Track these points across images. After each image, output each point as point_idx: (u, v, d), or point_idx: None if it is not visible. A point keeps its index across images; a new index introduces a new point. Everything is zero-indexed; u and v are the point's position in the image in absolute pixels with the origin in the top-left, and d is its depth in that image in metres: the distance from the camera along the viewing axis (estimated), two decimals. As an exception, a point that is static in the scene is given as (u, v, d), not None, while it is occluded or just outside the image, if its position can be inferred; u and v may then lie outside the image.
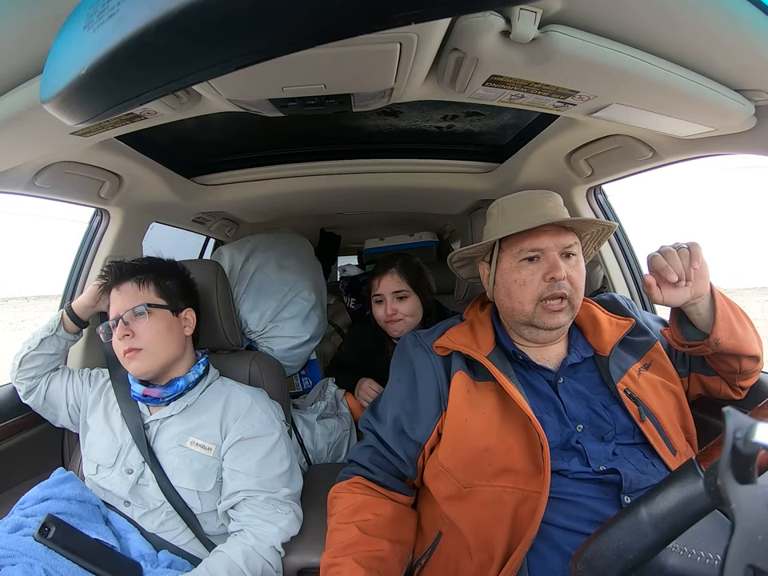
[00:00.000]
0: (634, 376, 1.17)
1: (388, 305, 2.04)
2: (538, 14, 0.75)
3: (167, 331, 1.40)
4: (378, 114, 1.58)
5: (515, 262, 1.18)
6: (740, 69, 0.92)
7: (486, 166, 2.00)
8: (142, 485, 1.36)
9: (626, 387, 1.14)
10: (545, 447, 1.03)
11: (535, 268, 1.16)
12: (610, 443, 1.08)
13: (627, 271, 2.00)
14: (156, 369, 1.40)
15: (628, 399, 1.12)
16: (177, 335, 1.43)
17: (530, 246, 1.16)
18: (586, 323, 1.26)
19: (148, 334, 1.37)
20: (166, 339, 1.40)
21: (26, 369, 1.51)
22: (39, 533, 1.13)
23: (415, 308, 2.07)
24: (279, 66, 0.83)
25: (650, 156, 1.42)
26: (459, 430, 1.14)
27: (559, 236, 1.16)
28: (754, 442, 0.43)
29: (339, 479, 1.25)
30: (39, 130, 1.02)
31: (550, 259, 1.15)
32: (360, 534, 1.09)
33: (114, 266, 1.45)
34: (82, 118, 0.57)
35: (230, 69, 0.42)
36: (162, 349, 1.39)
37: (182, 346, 1.45)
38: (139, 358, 1.37)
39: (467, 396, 1.16)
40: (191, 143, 1.74)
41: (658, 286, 1.10)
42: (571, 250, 1.17)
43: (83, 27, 0.48)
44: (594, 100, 1.00)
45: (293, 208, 2.46)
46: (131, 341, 1.36)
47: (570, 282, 1.15)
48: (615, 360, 1.18)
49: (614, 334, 1.21)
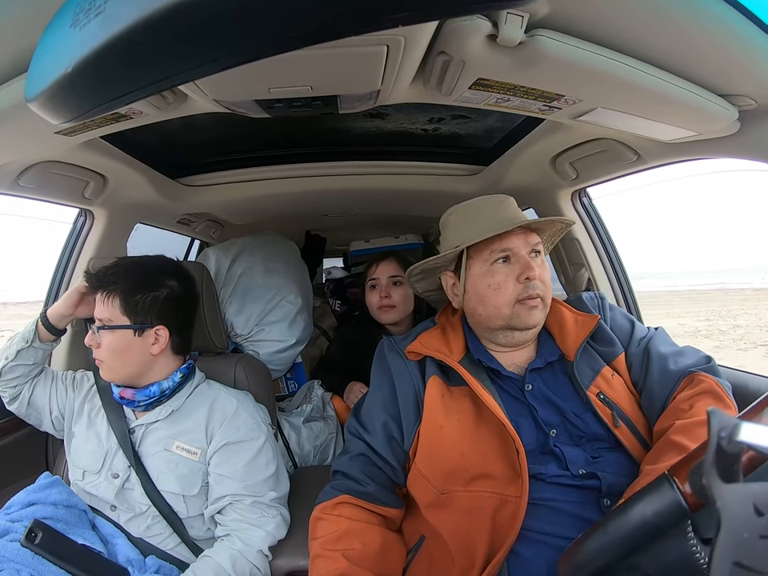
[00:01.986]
0: (608, 377, 1.15)
1: (382, 288, 2.09)
2: (525, 18, 0.76)
3: (123, 351, 1.34)
4: (364, 116, 1.58)
5: (487, 266, 1.18)
6: (724, 74, 0.93)
7: (472, 168, 2.01)
8: (127, 489, 1.35)
9: (599, 390, 1.12)
10: (520, 452, 1.02)
11: (509, 270, 1.16)
12: (586, 447, 1.08)
13: (611, 272, 2.02)
14: (119, 380, 1.38)
15: (600, 404, 1.10)
16: (137, 354, 1.36)
17: (500, 248, 1.17)
18: (554, 326, 1.25)
19: (105, 351, 1.34)
20: (123, 359, 1.35)
21: (6, 379, 1.47)
22: (26, 538, 1.11)
23: (407, 297, 2.12)
24: (266, 67, 0.83)
25: (634, 159, 1.44)
26: (434, 436, 1.13)
27: (527, 236, 1.17)
28: (738, 441, 0.44)
29: (324, 496, 1.19)
30: (24, 129, 1.01)
31: (522, 260, 1.15)
32: (347, 564, 1.04)
33: (87, 274, 1.41)
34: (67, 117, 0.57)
35: (217, 69, 0.42)
36: (119, 367, 1.36)
37: (143, 364, 1.38)
38: (102, 368, 1.36)
39: (442, 401, 1.16)
40: (177, 144, 1.73)
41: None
42: (538, 248, 1.19)
43: (69, 25, 0.47)
44: (579, 104, 1.01)
45: (278, 209, 2.46)
46: (96, 351, 1.35)
47: (541, 280, 1.15)
48: (585, 361, 1.17)
49: (579, 336, 1.19)
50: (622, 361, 1.20)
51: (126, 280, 1.36)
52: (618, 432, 1.07)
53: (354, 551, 1.07)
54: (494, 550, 0.99)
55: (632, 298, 2.04)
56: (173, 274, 1.46)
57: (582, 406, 1.12)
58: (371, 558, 1.08)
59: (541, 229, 1.23)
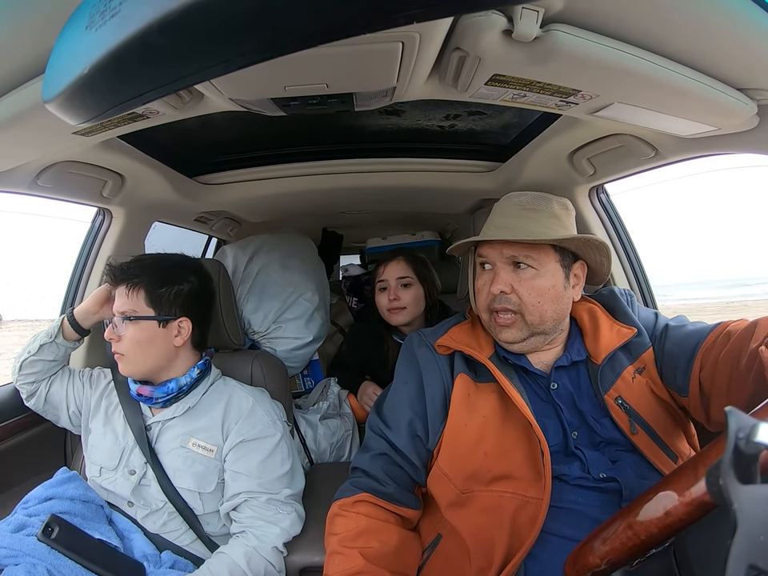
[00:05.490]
0: (628, 380, 1.13)
1: (391, 290, 2.05)
2: (540, 13, 0.75)
3: (148, 343, 1.37)
4: (380, 114, 1.58)
5: (478, 268, 1.19)
6: (742, 67, 0.91)
7: (489, 165, 2.00)
8: (144, 485, 1.36)
9: (618, 395, 1.10)
10: (545, 453, 1.01)
11: (488, 277, 1.16)
12: (605, 451, 1.07)
13: (630, 270, 2.00)
14: (140, 375, 1.40)
15: (618, 410, 1.08)
16: (161, 346, 1.39)
17: (481, 253, 1.17)
18: (587, 325, 1.21)
19: (128, 343, 1.35)
20: (147, 350, 1.37)
21: (25, 374, 1.50)
22: (42, 533, 1.13)
23: (418, 298, 2.08)
24: (281, 66, 0.83)
25: (652, 155, 1.42)
26: (458, 434, 1.13)
27: (503, 247, 1.13)
28: (756, 441, 0.43)
29: (343, 493, 1.19)
30: (42, 130, 1.02)
31: (495, 271, 1.14)
32: (365, 562, 1.04)
33: (109, 268, 1.44)
34: (84, 118, 0.57)
35: (232, 68, 0.42)
36: (142, 359, 1.37)
37: (166, 356, 1.41)
38: (123, 362, 1.37)
39: (467, 400, 1.14)
40: (193, 143, 1.74)
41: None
42: (521, 260, 1.12)
43: (85, 27, 0.48)
44: (596, 99, 0.99)
45: (295, 207, 2.47)
46: (116, 345, 1.36)
47: (518, 295, 1.11)
48: (609, 365, 1.14)
49: (611, 342, 1.15)
50: (651, 354, 1.17)
51: (151, 273, 1.40)
52: (635, 439, 1.05)
53: (371, 549, 1.07)
54: (513, 551, 0.99)
55: (650, 295, 2.01)
56: (193, 271, 1.49)
57: (600, 411, 1.11)
58: (388, 557, 1.08)
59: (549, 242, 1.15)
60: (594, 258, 1.19)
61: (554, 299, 1.13)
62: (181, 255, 1.56)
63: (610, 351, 1.14)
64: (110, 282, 1.44)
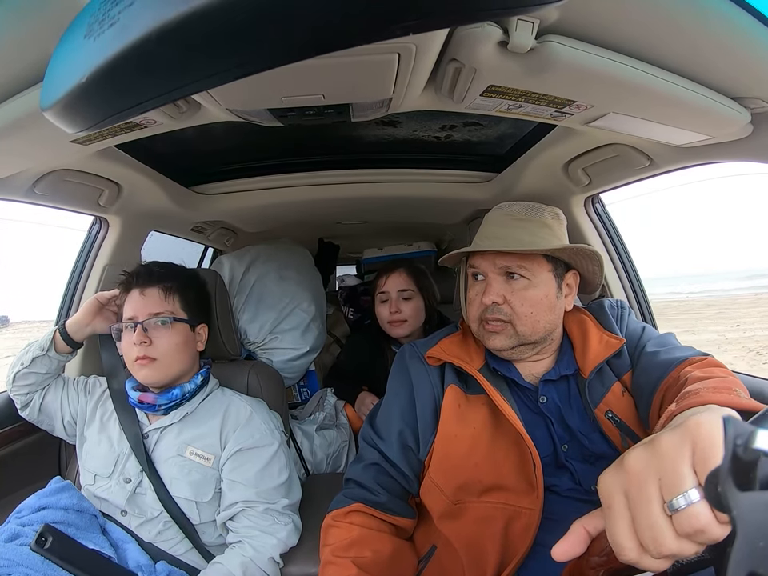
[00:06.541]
0: (618, 394, 1.12)
1: (392, 303, 2.06)
2: (536, 24, 0.76)
3: (183, 345, 1.40)
4: (376, 124, 1.59)
5: (470, 278, 1.20)
6: (736, 77, 0.92)
7: (485, 175, 2.01)
8: (139, 494, 1.35)
9: (608, 408, 1.09)
10: (537, 464, 1.01)
11: (479, 288, 1.16)
12: (596, 465, 1.06)
13: (626, 279, 2.01)
14: (166, 380, 1.39)
15: (609, 424, 1.08)
16: (191, 350, 1.43)
17: (473, 264, 1.17)
18: (577, 338, 1.21)
19: (166, 346, 1.36)
20: (182, 353, 1.40)
21: (18, 385, 1.48)
22: (36, 543, 1.12)
23: (418, 310, 2.09)
24: (278, 76, 0.84)
25: (647, 164, 1.43)
26: (448, 444, 1.12)
27: (496, 258, 1.13)
28: (755, 448, 0.43)
29: (336, 504, 1.19)
30: (39, 138, 1.03)
31: (487, 281, 1.14)
32: (358, 571, 1.03)
33: (143, 269, 1.44)
34: (81, 126, 0.57)
35: (230, 79, 0.42)
36: (176, 362, 1.39)
37: (193, 360, 1.45)
38: (152, 367, 1.35)
39: (457, 411, 1.14)
40: (190, 152, 1.75)
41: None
42: (512, 270, 1.13)
43: (84, 36, 0.48)
44: (591, 109, 1.00)
45: (291, 217, 2.47)
46: (147, 349, 1.34)
47: (510, 306, 1.12)
48: (598, 378, 1.14)
49: (599, 355, 1.14)
50: (630, 376, 1.16)
51: (182, 278, 1.44)
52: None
53: (364, 558, 1.06)
54: (506, 562, 0.98)
55: (647, 304, 2.02)
56: (205, 279, 1.56)
57: (589, 425, 1.10)
58: (382, 566, 1.07)
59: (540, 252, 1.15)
60: (586, 267, 1.19)
61: (546, 309, 1.13)
62: (176, 264, 1.57)
63: (598, 364, 1.13)
64: (132, 285, 1.42)
